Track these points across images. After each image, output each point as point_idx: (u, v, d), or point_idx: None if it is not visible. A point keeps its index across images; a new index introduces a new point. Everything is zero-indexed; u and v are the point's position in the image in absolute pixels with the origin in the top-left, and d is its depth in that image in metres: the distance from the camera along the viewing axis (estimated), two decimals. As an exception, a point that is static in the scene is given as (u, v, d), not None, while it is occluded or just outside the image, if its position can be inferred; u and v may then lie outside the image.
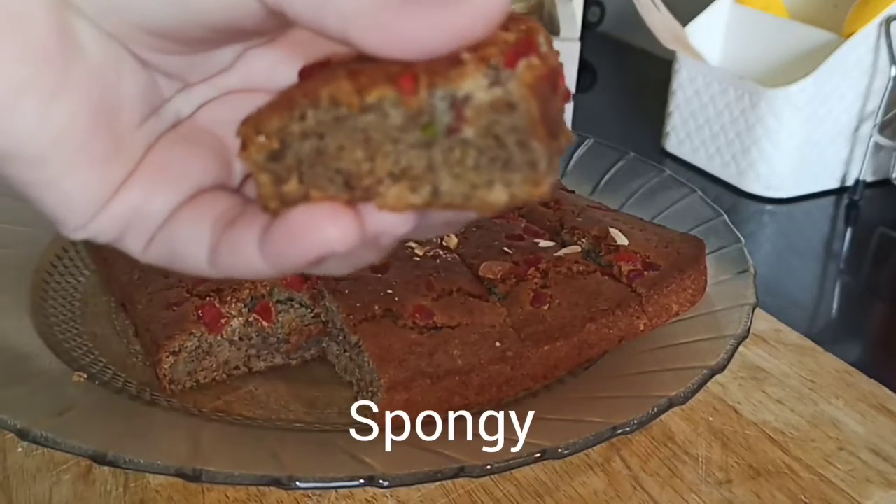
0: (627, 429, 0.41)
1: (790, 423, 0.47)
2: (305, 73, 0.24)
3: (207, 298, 0.47)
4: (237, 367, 0.48)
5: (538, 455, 0.39)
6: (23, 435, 0.39)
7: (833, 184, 0.77)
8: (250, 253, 0.23)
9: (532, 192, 0.21)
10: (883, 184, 0.75)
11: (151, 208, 0.24)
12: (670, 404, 0.43)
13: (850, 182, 0.77)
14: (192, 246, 0.25)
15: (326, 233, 0.22)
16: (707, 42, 0.84)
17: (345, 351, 0.47)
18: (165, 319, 0.46)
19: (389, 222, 0.23)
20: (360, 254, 0.24)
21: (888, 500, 0.42)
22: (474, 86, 0.21)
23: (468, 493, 0.41)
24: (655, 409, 0.42)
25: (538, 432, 0.41)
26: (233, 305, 0.47)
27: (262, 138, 0.23)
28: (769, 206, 0.75)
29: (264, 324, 0.48)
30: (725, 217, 0.59)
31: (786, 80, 0.73)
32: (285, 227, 0.23)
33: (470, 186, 0.22)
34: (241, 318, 0.47)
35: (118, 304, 0.52)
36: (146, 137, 0.25)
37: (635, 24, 0.85)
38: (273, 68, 0.26)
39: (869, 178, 0.75)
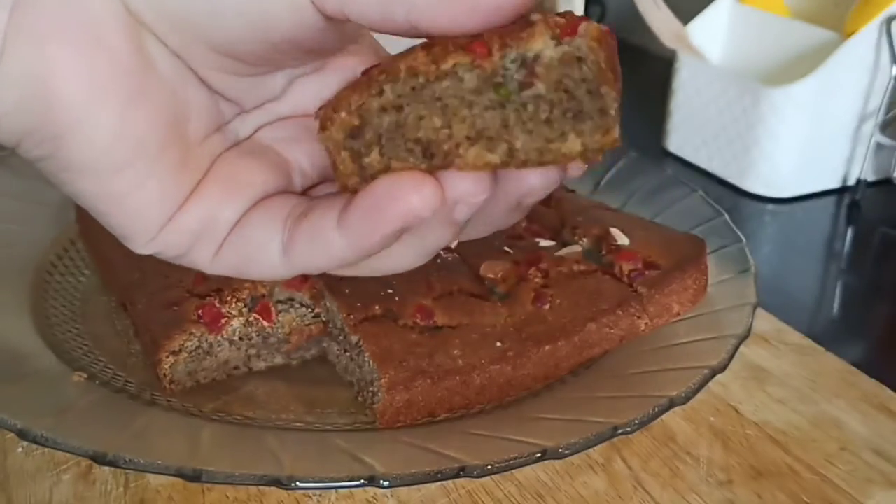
0: (628, 429, 0.41)
1: (792, 424, 0.47)
2: (367, 71, 0.25)
3: (207, 298, 0.47)
4: (237, 367, 0.48)
5: (539, 455, 0.39)
6: (22, 435, 0.39)
7: (835, 183, 0.77)
8: (329, 236, 0.24)
9: (603, 140, 0.23)
10: (884, 183, 0.75)
11: (222, 216, 0.25)
12: (671, 404, 0.42)
13: (851, 181, 0.77)
14: (264, 244, 0.25)
15: (410, 199, 0.23)
16: (708, 41, 0.84)
17: (345, 351, 0.47)
18: (165, 319, 0.46)
19: (466, 189, 0.24)
20: (436, 231, 0.25)
21: (890, 501, 0.42)
22: (543, 45, 0.23)
23: (469, 493, 0.41)
24: (656, 409, 0.42)
25: (539, 432, 0.41)
26: (233, 305, 0.47)
27: (342, 114, 0.24)
28: (770, 206, 0.75)
29: (264, 324, 0.48)
30: (726, 216, 0.58)
31: (787, 78, 0.73)
32: (368, 198, 0.23)
33: (544, 140, 0.23)
34: (241, 318, 0.47)
35: (118, 304, 0.52)
36: (210, 152, 0.26)
37: (636, 22, 0.85)
38: (319, 94, 0.27)
39: (870, 178, 0.75)
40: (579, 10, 0.84)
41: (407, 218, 0.23)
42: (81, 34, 0.22)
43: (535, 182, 0.25)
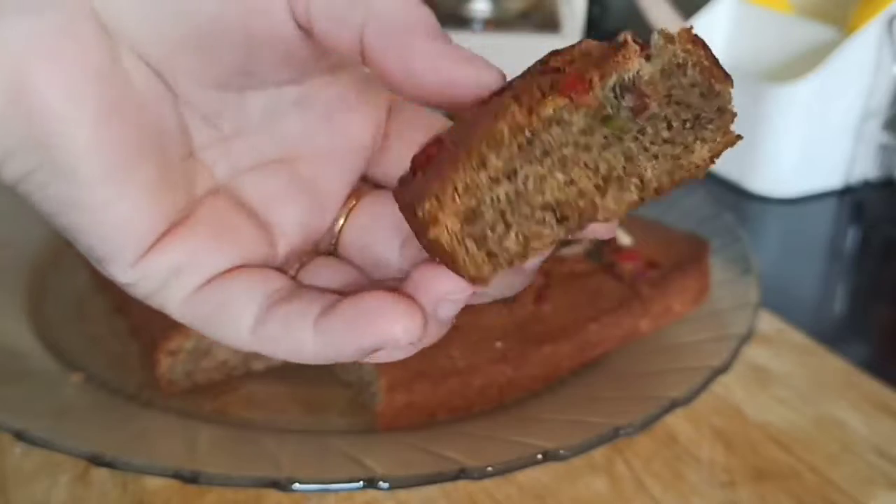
0: (630, 430, 0.41)
1: (794, 424, 0.46)
2: (421, 158, 0.23)
3: (206, 298, 0.46)
4: (235, 368, 0.48)
5: (539, 457, 0.39)
6: (20, 436, 0.39)
7: (837, 182, 0.77)
8: (304, 334, 0.23)
9: (727, 140, 0.22)
10: (887, 182, 0.75)
11: (205, 262, 0.25)
12: (673, 405, 0.42)
13: (854, 180, 0.76)
14: (237, 312, 0.24)
15: (394, 328, 0.22)
16: (710, 39, 0.83)
17: (344, 351, 0.47)
18: (163, 320, 0.46)
19: (447, 289, 0.22)
20: (425, 337, 0.24)
21: (892, 501, 0.42)
22: (639, 64, 0.21)
23: (469, 495, 0.41)
24: (658, 410, 0.42)
25: (540, 433, 0.41)
26: (231, 305, 0.46)
27: (450, 199, 0.21)
28: (773, 205, 0.75)
29: (263, 324, 0.47)
30: (728, 216, 0.58)
31: (789, 76, 0.72)
32: (352, 310, 0.23)
33: (672, 160, 0.22)
34: (239, 319, 0.47)
35: (116, 305, 0.52)
36: (190, 175, 0.25)
37: (638, 20, 0.85)
38: (306, 132, 0.26)
39: (873, 177, 0.75)
40: (580, 7, 0.84)
41: (386, 342, 0.22)
42: (56, 46, 0.22)
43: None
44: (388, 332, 0.22)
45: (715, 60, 0.22)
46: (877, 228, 0.73)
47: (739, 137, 0.22)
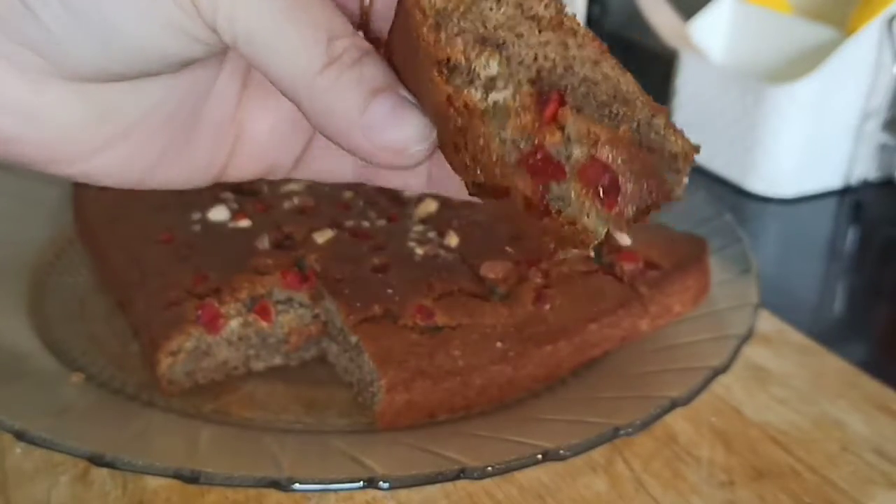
0: (630, 430, 0.41)
1: (794, 424, 0.46)
2: None
3: (206, 299, 0.46)
4: (236, 368, 0.48)
5: (540, 456, 0.39)
6: (20, 436, 0.39)
7: (837, 182, 0.77)
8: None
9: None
10: (887, 182, 0.75)
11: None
12: (673, 405, 0.42)
13: (854, 181, 0.76)
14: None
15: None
16: (710, 39, 0.84)
17: (345, 351, 0.47)
18: (164, 319, 0.46)
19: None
20: None
21: (892, 501, 0.42)
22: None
23: (469, 495, 0.41)
24: (658, 410, 0.42)
25: (540, 433, 0.41)
26: (231, 306, 0.46)
27: None
28: (772, 205, 0.75)
29: (263, 324, 0.47)
30: (728, 216, 0.58)
31: (789, 77, 0.72)
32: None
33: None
34: (239, 319, 0.47)
35: (116, 304, 0.52)
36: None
37: (638, 20, 0.85)
38: None
39: (873, 177, 0.75)
40: (581, 7, 0.84)
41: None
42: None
43: None
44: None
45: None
46: (876, 229, 0.73)
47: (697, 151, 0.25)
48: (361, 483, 0.37)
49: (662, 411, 0.42)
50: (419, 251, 0.50)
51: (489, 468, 0.38)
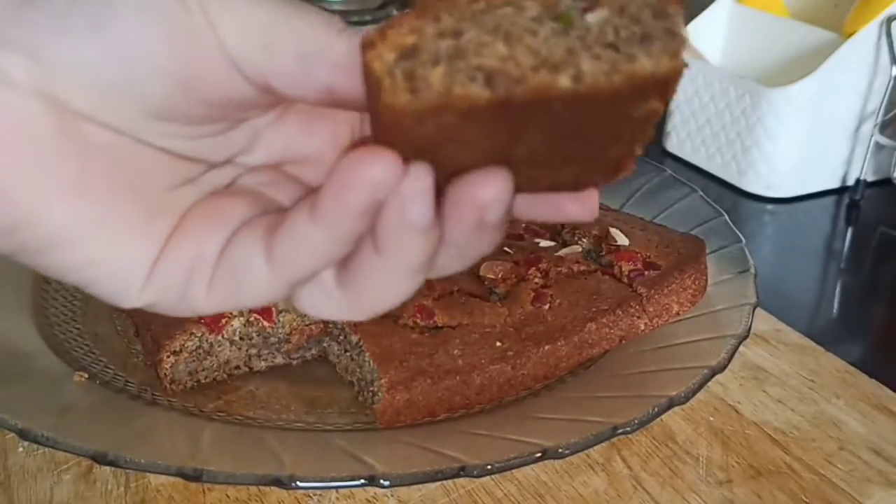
0: (628, 428, 0.41)
1: (791, 423, 0.47)
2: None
3: (208, 298, 0.47)
4: (238, 367, 0.48)
5: (539, 455, 0.39)
6: (24, 435, 0.39)
7: (834, 183, 0.77)
8: (305, 229, 0.23)
9: (671, 65, 0.23)
10: (884, 183, 0.75)
11: (207, 250, 0.25)
12: (671, 404, 0.43)
13: (850, 182, 0.77)
14: (248, 261, 0.24)
15: (372, 169, 0.22)
16: (708, 41, 0.84)
17: (346, 351, 0.47)
18: (166, 319, 0.46)
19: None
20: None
21: (889, 500, 0.42)
22: None
23: (469, 492, 0.41)
24: (656, 409, 0.42)
25: (539, 432, 0.41)
26: (233, 305, 0.47)
27: (394, 32, 0.22)
28: (770, 206, 0.75)
29: (265, 323, 0.48)
30: (726, 217, 0.59)
31: (786, 79, 0.73)
32: (333, 177, 0.23)
33: (611, 64, 0.23)
34: (241, 318, 0.47)
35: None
36: (182, 199, 0.26)
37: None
38: (289, 142, 0.27)
39: (870, 178, 0.75)
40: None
41: (373, 187, 0.22)
42: (10, 137, 0.22)
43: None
44: (367, 173, 0.22)
45: None
46: (873, 229, 0.73)
47: (685, 66, 0.23)
48: (362, 481, 0.38)
49: (660, 410, 0.42)
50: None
51: (489, 466, 0.39)
